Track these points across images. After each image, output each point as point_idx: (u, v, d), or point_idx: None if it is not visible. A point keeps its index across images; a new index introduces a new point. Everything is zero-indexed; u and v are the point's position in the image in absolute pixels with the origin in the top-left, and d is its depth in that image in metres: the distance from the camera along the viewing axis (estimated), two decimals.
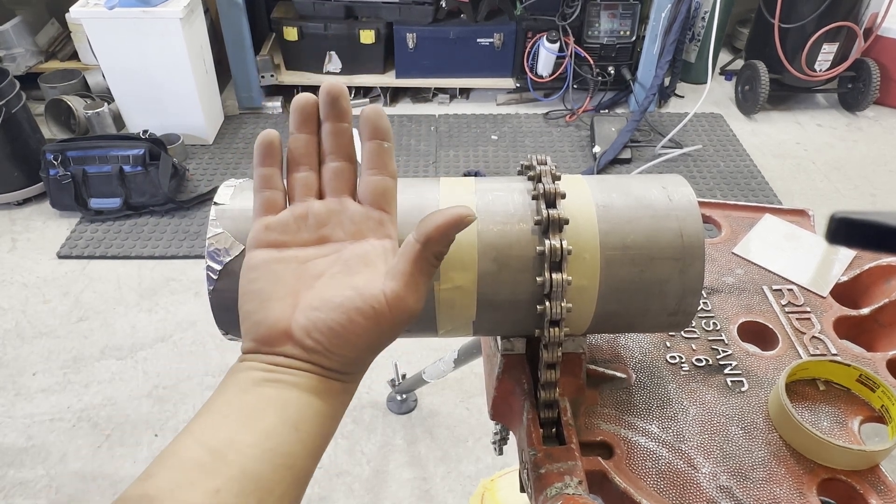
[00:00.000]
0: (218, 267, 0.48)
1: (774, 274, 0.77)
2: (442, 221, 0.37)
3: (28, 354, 1.91)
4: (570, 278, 0.47)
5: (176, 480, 0.31)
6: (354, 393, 0.40)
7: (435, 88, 3.18)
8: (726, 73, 3.38)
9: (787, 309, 0.72)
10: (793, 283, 0.76)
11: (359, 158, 0.42)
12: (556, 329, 0.49)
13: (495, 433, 0.82)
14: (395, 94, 3.21)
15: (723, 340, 0.68)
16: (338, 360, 0.37)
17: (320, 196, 0.42)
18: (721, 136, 2.92)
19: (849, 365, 0.61)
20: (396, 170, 0.42)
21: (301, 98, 0.41)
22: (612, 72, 2.99)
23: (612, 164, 2.70)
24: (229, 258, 0.48)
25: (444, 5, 2.86)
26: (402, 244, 0.38)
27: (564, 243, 0.47)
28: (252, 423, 0.34)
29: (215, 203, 0.50)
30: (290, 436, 0.35)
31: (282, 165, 0.42)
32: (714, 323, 0.70)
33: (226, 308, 0.49)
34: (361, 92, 3.15)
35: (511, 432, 0.63)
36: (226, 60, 2.94)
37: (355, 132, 0.40)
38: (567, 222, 0.47)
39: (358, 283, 0.37)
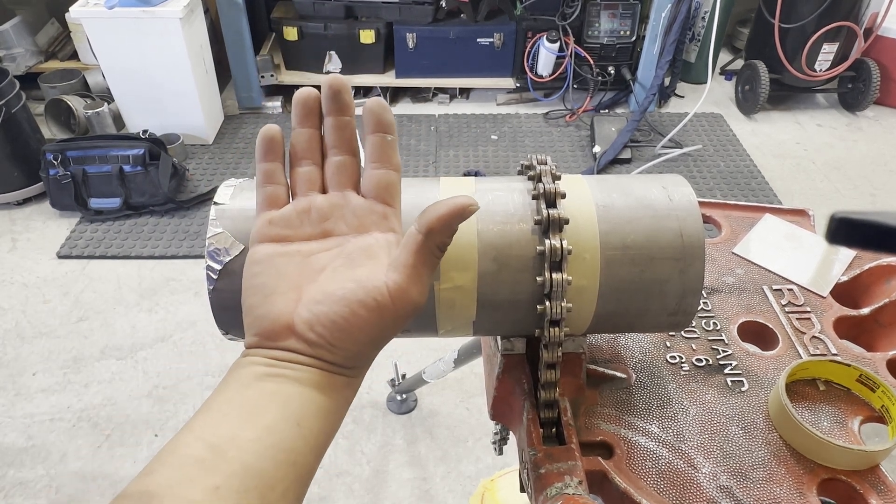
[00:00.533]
0: (218, 267, 0.48)
1: (774, 274, 0.77)
2: (444, 211, 0.36)
3: (28, 354, 1.91)
4: (570, 278, 0.47)
5: (176, 477, 0.31)
6: (358, 388, 0.40)
7: (435, 88, 3.18)
8: (726, 73, 3.38)
9: (787, 309, 0.72)
10: (793, 283, 0.76)
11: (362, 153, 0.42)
12: (556, 329, 0.49)
13: (495, 433, 0.82)
14: (395, 94, 3.21)
15: (723, 340, 0.68)
16: (341, 353, 0.37)
17: (323, 190, 0.42)
18: (721, 136, 2.92)
19: (849, 365, 0.61)
20: (400, 163, 0.42)
21: (303, 93, 0.41)
22: (612, 72, 2.99)
23: (612, 164, 2.70)
24: (229, 258, 0.48)
25: (444, 5, 2.86)
26: (405, 235, 0.38)
27: (564, 243, 0.47)
28: (253, 418, 0.34)
29: (215, 203, 0.50)
30: (292, 431, 0.34)
31: (284, 161, 0.42)
32: (714, 323, 0.70)
33: (226, 308, 0.49)
34: (361, 92, 3.15)
35: (511, 432, 0.63)
36: (226, 60, 2.94)
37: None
38: (567, 222, 0.47)
39: (360, 275, 0.37)
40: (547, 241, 0.47)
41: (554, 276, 0.47)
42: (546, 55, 2.88)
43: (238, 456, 0.32)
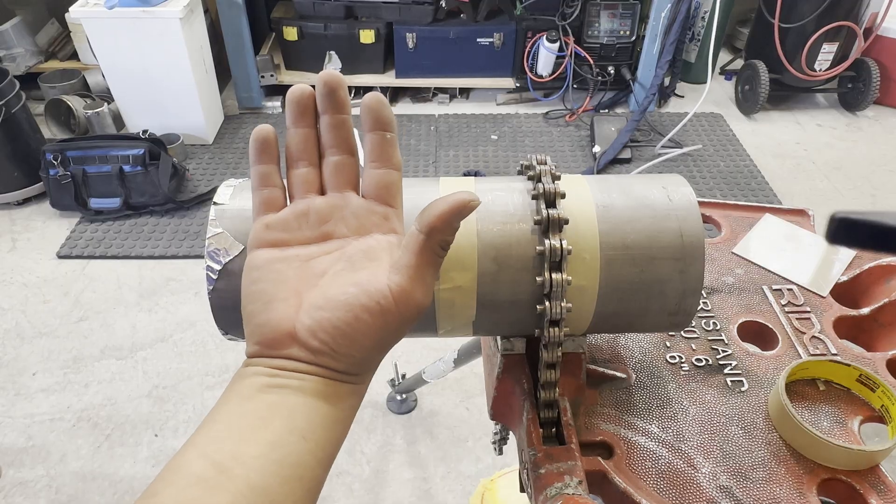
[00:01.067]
0: (218, 267, 0.48)
1: (774, 274, 0.77)
2: (445, 208, 0.35)
3: (28, 354, 1.91)
4: (569, 278, 0.47)
5: (181, 499, 0.30)
6: (363, 395, 0.39)
7: (435, 88, 3.18)
8: (726, 73, 3.38)
9: (787, 309, 0.72)
10: (793, 282, 0.76)
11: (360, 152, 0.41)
12: (556, 329, 0.49)
13: (495, 433, 0.82)
14: (395, 94, 3.21)
15: (723, 340, 0.68)
16: (345, 360, 0.36)
17: (322, 192, 0.40)
18: (721, 136, 2.92)
19: (849, 365, 0.61)
20: (401, 161, 0.41)
21: (296, 90, 0.39)
22: (612, 72, 2.99)
23: (612, 163, 2.70)
24: (229, 258, 0.48)
25: (444, 5, 2.86)
26: (406, 236, 0.37)
27: (564, 243, 0.47)
28: (257, 433, 0.33)
29: (215, 203, 0.50)
30: (297, 445, 0.33)
31: (279, 162, 0.41)
32: (714, 323, 0.70)
33: (226, 308, 0.49)
34: (361, 92, 3.15)
35: (511, 432, 0.63)
36: (226, 60, 2.94)
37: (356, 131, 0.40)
38: (567, 222, 0.47)
39: (362, 278, 0.36)
40: (547, 241, 0.47)
41: (554, 276, 0.47)
42: (546, 55, 2.88)
43: (243, 474, 0.31)
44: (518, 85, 3.07)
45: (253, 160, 0.40)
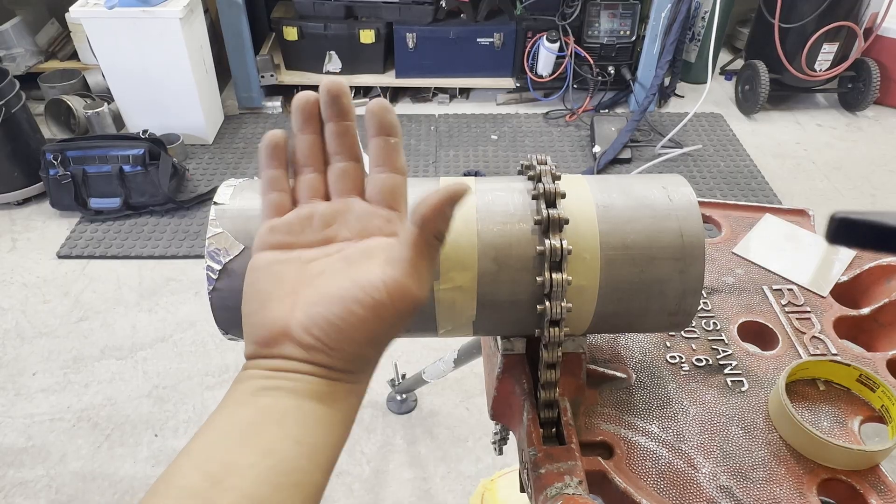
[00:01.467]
0: (218, 267, 0.48)
1: (774, 274, 0.77)
2: (436, 199, 0.35)
3: (28, 354, 1.91)
4: (569, 278, 0.47)
5: None
6: (363, 396, 0.38)
7: (435, 88, 3.18)
8: (726, 73, 3.38)
9: (787, 309, 0.72)
10: (793, 283, 0.76)
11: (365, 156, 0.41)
12: (556, 329, 0.49)
13: (495, 433, 0.82)
14: (395, 94, 3.21)
15: (723, 340, 0.68)
16: (339, 356, 0.35)
17: (327, 197, 0.41)
18: (721, 136, 2.92)
19: (849, 365, 0.61)
20: (406, 166, 0.40)
21: (302, 97, 0.40)
22: (612, 72, 2.99)
23: (612, 163, 2.70)
24: (229, 258, 0.48)
25: (444, 5, 2.86)
26: (401, 232, 0.37)
27: (564, 243, 0.47)
28: (251, 440, 0.32)
29: (215, 203, 0.50)
30: (291, 451, 0.33)
31: (288, 166, 0.41)
32: (714, 323, 0.70)
33: (226, 308, 0.49)
34: (361, 92, 3.15)
35: (511, 432, 0.63)
36: (226, 60, 2.94)
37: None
38: (567, 222, 0.47)
39: (356, 274, 0.36)
40: (547, 241, 0.47)
41: (554, 276, 0.47)
42: (546, 55, 2.88)
43: (237, 484, 0.30)
44: (518, 85, 3.07)
45: (263, 164, 0.40)
